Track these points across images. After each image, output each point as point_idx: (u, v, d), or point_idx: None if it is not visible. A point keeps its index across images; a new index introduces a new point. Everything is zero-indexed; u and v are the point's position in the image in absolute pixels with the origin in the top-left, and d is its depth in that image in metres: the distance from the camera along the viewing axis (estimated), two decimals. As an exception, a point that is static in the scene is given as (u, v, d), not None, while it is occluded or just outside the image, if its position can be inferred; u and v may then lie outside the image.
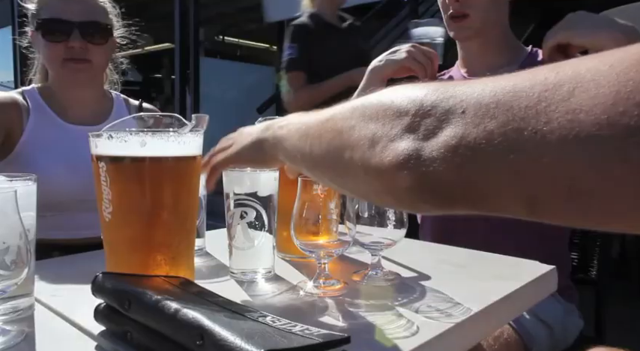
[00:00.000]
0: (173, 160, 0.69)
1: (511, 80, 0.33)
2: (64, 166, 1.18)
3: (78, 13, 1.19)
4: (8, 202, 0.58)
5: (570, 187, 0.29)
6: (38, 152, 1.20)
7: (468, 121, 0.34)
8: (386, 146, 0.40)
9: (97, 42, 1.22)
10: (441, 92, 0.38)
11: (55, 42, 1.19)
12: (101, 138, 0.68)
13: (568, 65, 0.30)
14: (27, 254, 0.60)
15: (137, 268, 0.67)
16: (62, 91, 1.26)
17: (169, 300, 0.52)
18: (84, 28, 1.19)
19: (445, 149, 0.35)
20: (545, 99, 0.30)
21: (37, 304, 0.67)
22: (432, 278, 0.81)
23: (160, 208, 0.69)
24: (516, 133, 0.31)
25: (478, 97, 0.34)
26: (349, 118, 0.46)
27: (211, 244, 0.99)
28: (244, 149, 0.68)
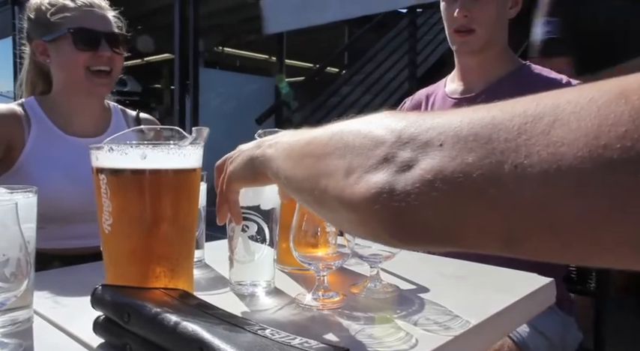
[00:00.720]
0: (173, 172, 0.69)
1: (490, 112, 0.32)
2: (66, 178, 1.18)
3: (103, 24, 1.25)
4: (9, 214, 0.58)
5: (552, 222, 0.28)
6: (40, 165, 1.20)
7: (446, 155, 0.33)
8: (360, 177, 0.38)
9: (119, 52, 1.27)
10: (420, 124, 0.36)
11: (83, 50, 1.22)
12: (102, 150, 0.68)
13: (548, 97, 0.30)
14: (27, 266, 0.60)
15: (136, 280, 0.67)
16: (67, 101, 1.27)
17: (169, 313, 0.52)
18: (110, 38, 1.24)
19: (421, 183, 0.34)
20: (525, 132, 0.29)
21: (35, 316, 0.67)
22: (430, 290, 0.81)
23: (159, 220, 0.69)
24: (496, 167, 0.30)
25: (456, 130, 0.33)
26: (327, 144, 0.44)
27: (211, 255, 0.99)
28: (237, 167, 0.66)
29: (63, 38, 1.21)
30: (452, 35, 1.31)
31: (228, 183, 0.69)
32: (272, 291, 0.80)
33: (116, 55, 1.26)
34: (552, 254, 0.31)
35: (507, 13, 1.30)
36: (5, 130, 1.20)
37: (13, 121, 1.21)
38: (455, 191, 0.32)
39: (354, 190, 0.38)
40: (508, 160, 0.29)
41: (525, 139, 0.29)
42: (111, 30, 1.26)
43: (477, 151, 0.31)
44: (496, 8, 1.26)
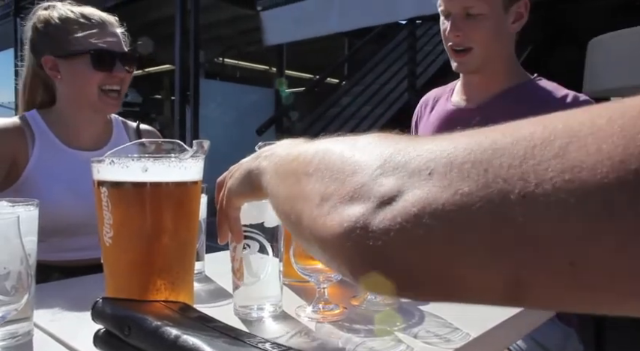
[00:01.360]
0: (174, 185, 0.70)
1: (489, 136, 0.28)
2: (69, 192, 1.19)
3: (117, 43, 1.26)
4: (11, 227, 0.59)
5: (573, 260, 0.23)
6: (43, 178, 1.21)
7: (436, 184, 0.28)
8: (334, 207, 0.33)
9: (130, 71, 1.28)
10: (408, 151, 0.31)
11: (100, 71, 1.22)
12: (103, 164, 0.69)
13: (556, 119, 0.26)
14: (27, 279, 0.60)
15: (137, 292, 0.67)
16: (73, 116, 1.27)
17: (169, 326, 0.52)
18: (124, 58, 1.26)
19: (403, 218, 0.28)
20: (534, 156, 0.25)
21: (35, 329, 0.67)
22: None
23: (160, 233, 0.69)
24: (499, 198, 0.25)
25: (450, 156, 0.28)
26: (309, 163, 0.40)
27: (211, 267, 0.99)
28: (236, 182, 0.62)
29: (79, 57, 1.21)
30: (450, 53, 1.28)
31: (227, 199, 0.64)
32: (279, 315, 0.75)
33: (127, 75, 1.28)
34: (571, 301, 0.26)
35: (509, 27, 1.25)
36: (10, 145, 1.20)
37: (17, 136, 1.22)
38: (447, 228, 0.27)
39: (325, 222, 0.33)
40: (514, 189, 0.25)
41: (534, 164, 0.24)
42: (124, 49, 1.27)
43: (474, 179, 0.26)
44: (493, 25, 1.21)
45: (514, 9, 1.24)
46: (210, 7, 6.85)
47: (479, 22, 1.19)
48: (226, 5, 7.12)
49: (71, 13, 1.24)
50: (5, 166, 1.18)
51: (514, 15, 1.25)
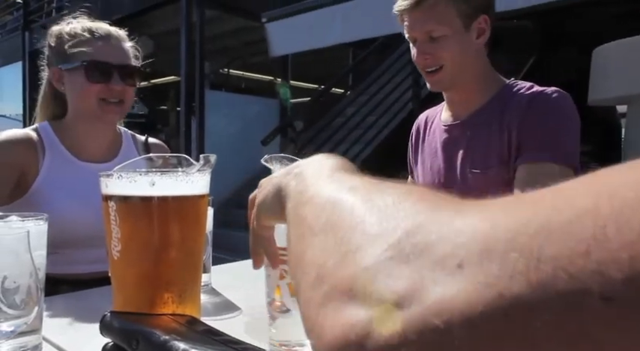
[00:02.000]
0: (181, 199, 0.70)
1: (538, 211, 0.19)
2: (78, 204, 1.20)
3: (117, 56, 1.26)
4: (21, 242, 0.60)
5: None
6: (53, 191, 1.22)
7: (469, 282, 0.19)
8: (329, 298, 0.25)
9: (131, 84, 1.29)
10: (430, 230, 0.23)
11: (96, 82, 1.24)
12: (111, 178, 0.70)
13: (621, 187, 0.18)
14: (37, 293, 0.61)
15: (144, 305, 0.68)
16: (80, 127, 1.29)
17: (177, 340, 0.53)
18: (123, 71, 1.26)
19: (419, 331, 0.20)
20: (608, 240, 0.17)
21: (44, 343, 0.68)
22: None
23: (168, 246, 0.70)
24: (567, 303, 0.17)
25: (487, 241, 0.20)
26: (317, 217, 0.33)
27: (217, 279, 0.99)
28: (265, 199, 0.53)
29: (77, 69, 1.23)
30: (423, 75, 1.31)
31: (257, 218, 0.57)
32: None
33: (128, 87, 1.28)
34: None
35: (474, 43, 1.27)
36: (20, 156, 1.22)
37: (27, 148, 1.23)
38: (488, 347, 0.18)
39: (317, 320, 0.26)
40: (590, 288, 0.16)
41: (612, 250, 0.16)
42: (124, 62, 1.27)
43: (525, 275, 0.18)
44: (457, 43, 1.24)
45: (474, 26, 1.28)
46: (215, 19, 6.92)
47: (443, 43, 1.23)
48: (231, 17, 7.19)
49: (79, 29, 1.27)
50: (15, 177, 1.20)
51: (476, 31, 1.28)
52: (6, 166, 1.18)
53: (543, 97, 1.20)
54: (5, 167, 1.18)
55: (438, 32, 1.24)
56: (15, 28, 10.92)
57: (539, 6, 3.78)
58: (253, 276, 1.12)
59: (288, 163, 0.97)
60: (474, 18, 1.26)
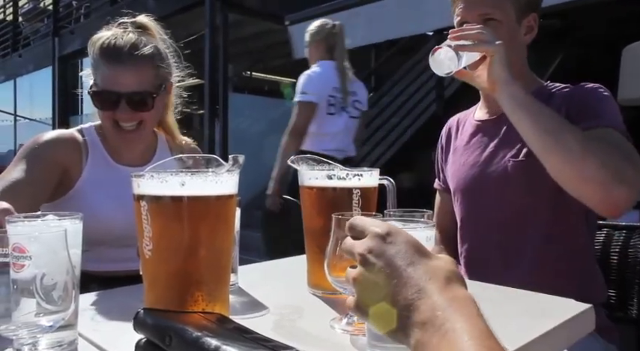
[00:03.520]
0: (211, 199, 0.72)
1: None
2: (113, 205, 1.23)
3: (126, 83, 1.23)
4: (59, 240, 0.61)
5: None
6: (94, 191, 1.25)
7: None
8: None
9: (144, 109, 1.26)
10: None
11: (104, 110, 1.25)
12: (143, 178, 0.71)
13: None
14: (73, 290, 0.63)
15: (175, 304, 0.69)
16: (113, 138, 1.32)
17: (209, 336, 0.54)
18: (131, 98, 1.23)
19: None
20: None
21: (79, 338, 0.70)
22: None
23: (197, 245, 0.71)
24: None
25: None
26: None
27: (244, 279, 1.00)
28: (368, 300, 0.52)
29: (90, 95, 1.26)
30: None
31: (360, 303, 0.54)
32: None
33: (140, 114, 1.25)
34: None
35: (522, 39, 1.29)
36: (65, 156, 1.25)
37: (72, 148, 1.27)
38: None
39: None
40: None
41: None
42: (134, 89, 1.23)
43: None
44: (508, 33, 1.23)
45: (525, 22, 1.28)
46: (237, 23, 6.98)
47: (495, 29, 1.20)
48: (254, 20, 7.24)
49: (98, 45, 1.25)
50: (58, 175, 1.23)
51: (525, 28, 1.28)
52: (51, 165, 1.22)
53: (582, 86, 1.23)
54: (50, 165, 1.22)
55: (492, 15, 1.23)
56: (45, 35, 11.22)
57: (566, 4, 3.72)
58: (278, 276, 1.14)
59: (314, 164, 0.97)
60: (526, 14, 1.27)
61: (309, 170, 0.95)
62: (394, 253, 0.51)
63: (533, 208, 1.23)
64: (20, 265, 0.59)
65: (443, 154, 1.49)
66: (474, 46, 1.14)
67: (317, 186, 0.95)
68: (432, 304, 0.46)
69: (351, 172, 0.93)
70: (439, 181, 1.51)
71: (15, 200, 0.78)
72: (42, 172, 1.19)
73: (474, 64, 1.20)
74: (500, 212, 1.27)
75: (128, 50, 1.23)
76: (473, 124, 1.40)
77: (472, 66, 1.20)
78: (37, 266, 0.59)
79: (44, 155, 1.22)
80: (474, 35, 1.13)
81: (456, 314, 0.45)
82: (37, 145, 1.23)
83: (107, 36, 1.26)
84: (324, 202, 0.94)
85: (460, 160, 1.39)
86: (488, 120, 1.35)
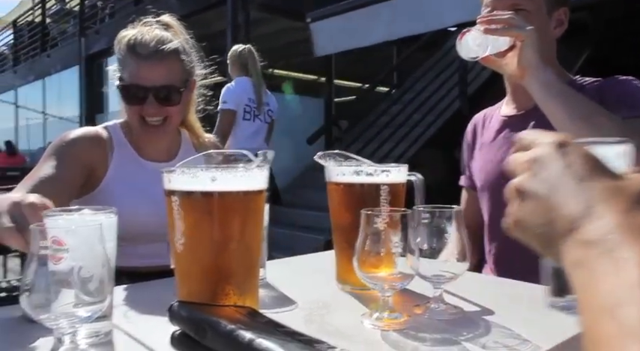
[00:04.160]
0: (241, 194, 0.72)
1: None
2: (140, 201, 1.25)
3: (153, 78, 1.25)
4: (94, 234, 0.63)
5: None
6: (120, 187, 1.28)
7: None
8: None
9: (170, 104, 1.28)
10: None
11: (131, 105, 1.27)
12: (174, 173, 0.72)
13: None
14: (109, 282, 0.64)
15: (207, 297, 0.70)
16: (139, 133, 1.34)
17: (243, 329, 0.54)
18: (158, 92, 1.25)
19: None
20: None
21: (114, 329, 0.71)
22: (496, 313, 0.79)
23: (228, 240, 0.72)
24: None
25: None
26: None
27: (271, 274, 1.01)
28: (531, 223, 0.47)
29: (118, 88, 1.28)
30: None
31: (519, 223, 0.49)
32: None
33: (167, 108, 1.27)
34: None
35: (552, 33, 1.27)
36: (92, 153, 1.28)
37: (98, 145, 1.30)
38: None
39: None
40: None
41: None
42: (162, 83, 1.25)
43: None
44: (538, 24, 1.19)
45: (556, 15, 1.26)
46: (260, 21, 7.02)
47: (525, 19, 1.17)
48: (276, 18, 7.26)
49: (125, 41, 1.27)
50: (85, 172, 1.26)
51: (555, 21, 1.27)
52: (78, 162, 1.24)
53: (615, 78, 1.21)
54: (77, 163, 1.24)
55: (523, 5, 1.21)
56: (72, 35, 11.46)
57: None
58: (306, 271, 1.14)
59: (341, 160, 0.97)
60: (556, 7, 1.26)
61: (336, 166, 0.95)
62: (566, 164, 0.45)
63: None
64: (58, 258, 0.61)
65: (469, 150, 1.48)
66: (505, 31, 1.11)
67: (344, 182, 0.95)
68: (603, 225, 0.39)
69: (379, 167, 0.92)
70: (465, 178, 1.49)
71: (44, 197, 0.80)
72: (69, 170, 1.22)
73: (501, 53, 1.18)
74: None
75: (155, 45, 1.26)
76: (499, 119, 1.38)
77: (500, 54, 1.18)
78: (74, 259, 0.60)
79: (71, 153, 1.24)
80: (504, 20, 1.11)
81: (635, 244, 0.37)
82: (64, 142, 1.26)
83: (134, 33, 1.28)
84: (352, 198, 0.94)
85: (486, 156, 1.37)
86: (516, 115, 1.34)
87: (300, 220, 5.67)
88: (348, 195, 0.96)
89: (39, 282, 0.59)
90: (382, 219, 0.74)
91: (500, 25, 1.10)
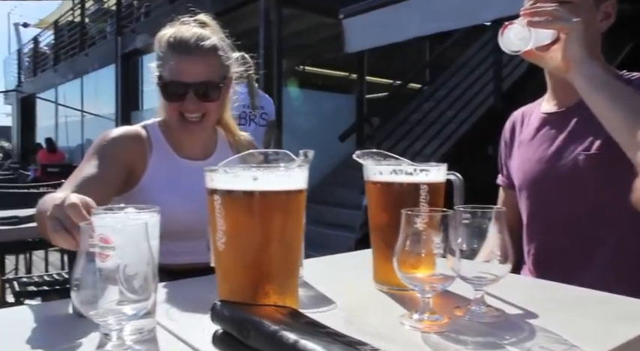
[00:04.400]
0: (282, 193, 0.72)
1: None
2: (179, 199, 1.27)
3: (193, 74, 1.27)
4: (140, 232, 0.64)
5: None
6: (159, 185, 1.30)
7: None
8: None
9: (209, 100, 1.30)
10: None
11: (171, 101, 1.29)
12: (216, 173, 0.73)
13: None
14: (154, 280, 0.65)
15: (248, 296, 0.71)
16: (177, 131, 1.36)
17: (286, 330, 0.54)
18: (198, 88, 1.28)
19: None
20: None
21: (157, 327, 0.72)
22: (540, 317, 0.77)
23: (269, 239, 0.72)
24: None
25: None
26: None
27: (308, 273, 1.01)
28: None
29: (158, 85, 1.30)
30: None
31: None
32: None
33: (206, 104, 1.29)
34: None
35: (598, 26, 1.22)
36: (131, 152, 1.31)
37: (138, 144, 1.33)
38: None
39: None
40: None
41: None
42: (201, 79, 1.27)
43: None
44: (584, 16, 1.15)
45: (603, 7, 1.21)
46: (292, 17, 7.03)
47: (570, 11, 1.13)
48: (308, 14, 7.26)
49: (165, 39, 1.30)
50: (126, 171, 1.28)
51: (602, 13, 1.22)
52: (119, 161, 1.27)
53: None
54: (118, 162, 1.27)
55: None
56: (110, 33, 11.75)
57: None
58: (342, 270, 1.14)
59: (380, 159, 0.97)
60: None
61: (374, 165, 0.95)
62: None
63: (608, 205, 1.16)
64: (105, 255, 0.62)
65: (507, 148, 1.44)
66: (549, 23, 1.07)
67: (383, 181, 0.94)
68: None
69: (418, 167, 0.91)
70: (503, 177, 1.46)
71: (88, 196, 0.82)
72: (111, 169, 1.24)
73: (544, 46, 1.14)
74: (570, 210, 1.21)
75: (194, 41, 1.28)
76: (539, 117, 1.35)
77: (543, 47, 1.14)
78: (120, 257, 0.62)
79: (112, 152, 1.27)
80: (549, 12, 1.07)
81: None
82: (105, 142, 1.29)
83: (173, 31, 1.31)
84: (391, 197, 0.93)
85: (525, 154, 1.33)
86: (557, 112, 1.30)
87: (331, 218, 5.67)
88: (386, 194, 0.95)
89: (87, 278, 0.61)
90: (423, 219, 0.73)
91: (544, 18, 1.07)
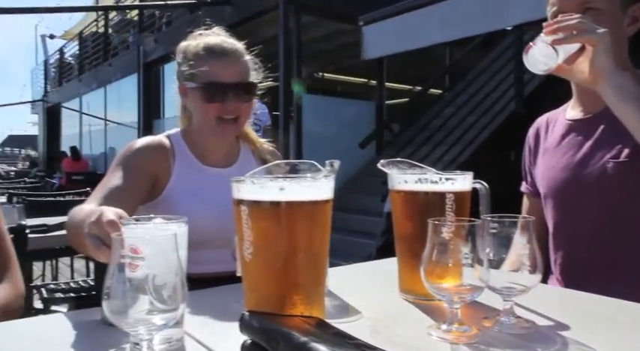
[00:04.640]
0: (308, 204, 0.72)
1: None
2: (203, 207, 1.28)
3: (232, 75, 1.32)
4: (169, 243, 0.65)
5: None
6: (183, 194, 1.32)
7: None
8: None
9: (247, 100, 1.34)
10: None
11: (212, 102, 1.32)
12: (243, 183, 0.73)
13: None
14: (182, 290, 0.66)
15: (275, 306, 0.71)
16: (203, 138, 1.38)
17: (316, 341, 0.54)
18: (237, 89, 1.32)
19: None
20: None
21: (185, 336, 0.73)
22: (572, 329, 0.76)
23: (296, 249, 0.72)
24: None
25: None
26: None
27: (332, 281, 1.01)
28: None
29: (195, 89, 1.32)
30: None
31: None
32: None
33: (243, 104, 1.33)
34: None
35: (625, 31, 1.20)
36: (155, 162, 1.33)
37: (161, 154, 1.35)
38: None
39: None
40: None
41: None
42: (239, 80, 1.33)
43: None
44: (610, 22, 1.13)
45: (630, 11, 1.19)
46: (310, 24, 7.07)
47: (595, 19, 1.10)
48: (327, 21, 7.29)
49: (200, 46, 1.33)
50: (151, 181, 1.30)
51: (630, 18, 1.19)
52: (144, 172, 1.29)
53: None
54: (143, 173, 1.29)
55: (594, 3, 1.15)
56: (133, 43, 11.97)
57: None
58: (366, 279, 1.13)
59: (405, 168, 0.96)
60: (631, 2, 1.19)
61: (399, 174, 0.94)
62: None
63: (636, 212, 1.14)
64: (135, 266, 0.63)
65: (531, 155, 1.42)
66: (574, 37, 1.04)
67: (408, 190, 0.93)
68: None
69: (443, 175, 0.90)
70: (527, 185, 1.44)
71: (115, 206, 0.83)
72: (136, 180, 1.26)
73: (571, 57, 1.11)
74: (597, 217, 1.18)
75: (229, 45, 1.34)
76: (564, 123, 1.32)
77: (569, 60, 1.12)
78: (150, 267, 0.62)
79: (136, 164, 1.29)
80: (572, 26, 1.05)
81: None
82: (129, 152, 1.31)
83: (202, 39, 1.35)
84: (416, 206, 0.93)
85: (550, 162, 1.31)
86: (583, 119, 1.27)
87: (352, 225, 5.66)
88: (411, 203, 0.94)
89: (116, 288, 0.62)
90: (450, 229, 0.72)
91: (568, 32, 1.04)
